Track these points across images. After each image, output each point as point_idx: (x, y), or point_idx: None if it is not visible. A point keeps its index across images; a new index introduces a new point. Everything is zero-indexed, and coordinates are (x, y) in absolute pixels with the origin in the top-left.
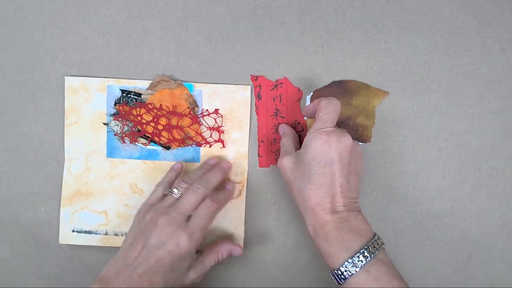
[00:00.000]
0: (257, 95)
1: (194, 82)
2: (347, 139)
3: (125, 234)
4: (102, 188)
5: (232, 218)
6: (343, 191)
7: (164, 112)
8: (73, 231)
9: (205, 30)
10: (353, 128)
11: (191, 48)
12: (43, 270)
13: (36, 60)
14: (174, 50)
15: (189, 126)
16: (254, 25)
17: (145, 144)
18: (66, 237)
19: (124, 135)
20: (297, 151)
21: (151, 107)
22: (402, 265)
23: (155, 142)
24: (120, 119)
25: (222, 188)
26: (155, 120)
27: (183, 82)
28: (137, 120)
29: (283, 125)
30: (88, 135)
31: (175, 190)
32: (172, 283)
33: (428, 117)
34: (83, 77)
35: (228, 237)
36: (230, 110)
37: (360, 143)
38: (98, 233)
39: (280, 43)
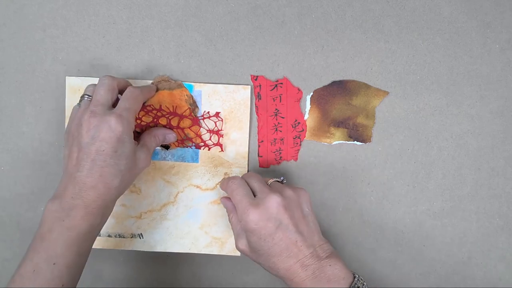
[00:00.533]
0: (257, 95)
1: (194, 82)
2: (273, 201)
3: (119, 235)
4: None
5: None
6: (302, 244)
7: (165, 113)
8: None
9: (205, 30)
10: (353, 128)
11: (191, 48)
12: None
13: (36, 60)
14: (174, 50)
15: (189, 128)
16: (254, 25)
17: None
18: None
19: None
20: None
21: (151, 108)
22: (402, 265)
23: None
24: None
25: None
26: (155, 120)
27: (183, 82)
28: (136, 123)
29: (223, 199)
30: None
31: (84, 97)
32: (128, 169)
33: (428, 117)
34: (84, 77)
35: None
36: (230, 110)
37: (360, 143)
38: None
39: (280, 43)
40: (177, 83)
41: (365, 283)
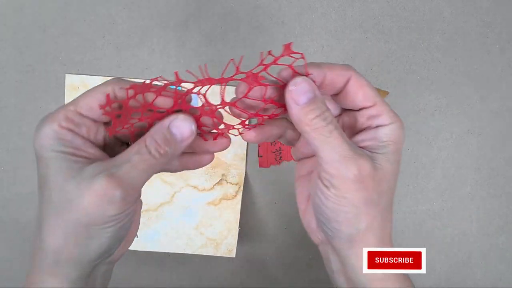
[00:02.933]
0: None
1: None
2: None
3: None
4: None
5: (226, 219)
6: None
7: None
8: None
9: (205, 30)
10: None
11: (191, 48)
12: None
13: (36, 60)
14: (174, 50)
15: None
16: (254, 25)
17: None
18: None
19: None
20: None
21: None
22: None
23: None
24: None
25: None
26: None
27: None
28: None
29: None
30: None
31: None
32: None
33: (428, 117)
34: (83, 75)
35: None
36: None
37: None
38: None
39: (280, 43)
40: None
41: None
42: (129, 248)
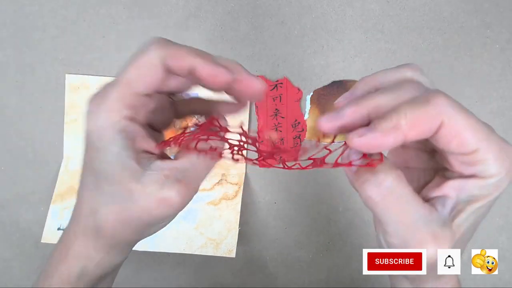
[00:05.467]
0: None
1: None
2: None
3: None
4: None
5: (226, 219)
6: None
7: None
8: (58, 229)
9: (205, 30)
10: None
11: None
12: None
13: (36, 60)
14: None
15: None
16: (254, 25)
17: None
18: (49, 235)
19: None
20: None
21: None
22: None
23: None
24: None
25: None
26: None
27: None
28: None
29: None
30: None
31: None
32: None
33: None
34: (84, 75)
35: None
36: None
37: None
38: None
39: (280, 43)
40: None
41: None
42: None
